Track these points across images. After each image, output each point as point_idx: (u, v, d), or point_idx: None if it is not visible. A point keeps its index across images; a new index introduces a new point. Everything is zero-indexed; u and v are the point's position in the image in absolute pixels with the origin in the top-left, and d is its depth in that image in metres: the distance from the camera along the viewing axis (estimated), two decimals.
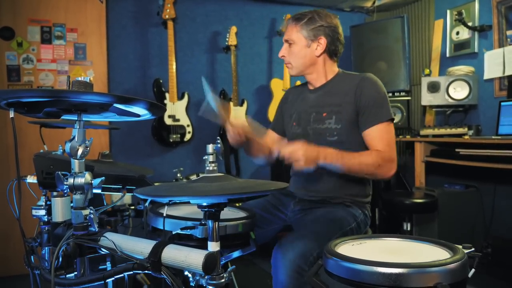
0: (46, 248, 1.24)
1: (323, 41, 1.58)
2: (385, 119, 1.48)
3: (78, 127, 0.98)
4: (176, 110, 3.23)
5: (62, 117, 1.05)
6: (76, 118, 0.99)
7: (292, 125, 1.69)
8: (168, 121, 3.20)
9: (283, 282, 1.24)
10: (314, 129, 1.59)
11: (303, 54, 1.59)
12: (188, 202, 1.46)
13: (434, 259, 0.90)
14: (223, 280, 0.93)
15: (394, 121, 1.66)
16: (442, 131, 2.89)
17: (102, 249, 0.98)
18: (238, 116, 3.46)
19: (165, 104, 3.19)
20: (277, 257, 1.28)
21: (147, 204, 1.38)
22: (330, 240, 1.31)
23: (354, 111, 1.52)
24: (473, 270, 0.93)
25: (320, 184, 1.59)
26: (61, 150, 1.32)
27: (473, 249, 0.98)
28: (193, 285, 1.11)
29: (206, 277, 0.92)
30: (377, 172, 1.45)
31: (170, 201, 1.35)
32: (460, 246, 0.98)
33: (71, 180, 0.96)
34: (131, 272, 0.91)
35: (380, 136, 1.48)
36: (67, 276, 0.99)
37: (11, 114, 0.90)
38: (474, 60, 3.10)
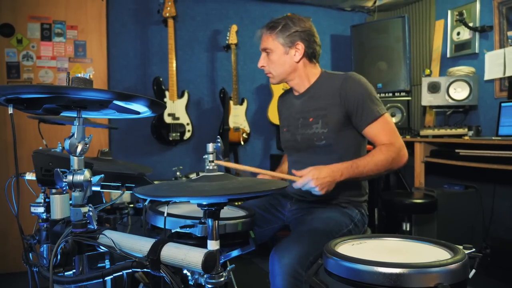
0: (45, 245, 1.24)
1: (300, 46, 1.57)
2: (381, 113, 1.47)
3: (77, 124, 0.97)
4: (176, 108, 3.22)
5: (62, 114, 1.04)
6: (75, 115, 0.98)
7: (283, 131, 1.71)
8: (167, 120, 3.19)
9: (280, 287, 1.24)
10: (302, 134, 1.59)
11: (283, 62, 1.58)
12: (188, 201, 1.45)
13: (434, 259, 0.90)
14: (222, 279, 0.93)
15: (394, 122, 1.65)
16: (442, 131, 2.89)
17: (101, 247, 0.97)
18: (237, 115, 3.46)
19: (165, 103, 3.19)
20: (274, 262, 1.28)
21: (146, 202, 1.37)
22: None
23: (341, 113, 1.50)
24: (473, 270, 0.93)
25: None
26: (60, 147, 1.32)
27: (473, 249, 0.98)
28: (192, 283, 1.11)
29: (205, 275, 0.92)
30: (393, 166, 1.43)
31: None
32: (461, 247, 0.98)
33: (70, 177, 0.95)
34: (130, 270, 0.91)
35: (382, 130, 1.46)
36: (66, 273, 0.98)
37: (10, 110, 0.89)
38: (474, 60, 3.10)
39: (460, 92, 2.95)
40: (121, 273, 0.93)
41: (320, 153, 1.54)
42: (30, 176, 1.44)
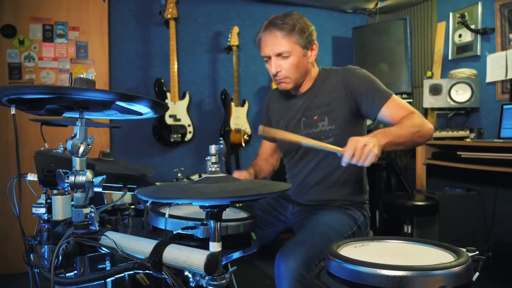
0: (46, 246, 1.24)
1: (315, 46, 1.52)
2: (391, 93, 1.43)
3: (79, 124, 0.97)
4: (177, 109, 3.22)
5: (64, 115, 1.04)
6: (77, 116, 0.98)
7: None
8: (169, 121, 3.19)
9: None
10: (307, 134, 1.52)
11: (302, 64, 1.49)
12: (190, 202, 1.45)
13: (438, 262, 0.89)
14: (224, 281, 0.92)
15: None
16: (443, 133, 2.88)
17: (103, 248, 0.97)
18: (239, 116, 3.45)
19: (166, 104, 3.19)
20: (280, 266, 1.27)
21: (148, 204, 1.37)
22: None
23: (348, 106, 1.47)
24: (477, 273, 0.92)
25: (314, 188, 1.56)
26: (62, 148, 1.31)
27: (477, 252, 0.97)
28: (193, 285, 1.10)
29: (207, 277, 0.92)
30: (423, 131, 1.33)
31: None
32: (464, 249, 0.97)
33: (72, 178, 0.95)
34: (132, 272, 0.90)
35: (398, 107, 1.41)
36: (67, 275, 0.98)
37: (13, 110, 0.89)
38: (476, 63, 3.09)
39: (461, 95, 2.95)
40: (122, 274, 0.93)
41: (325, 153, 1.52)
42: (31, 177, 1.43)
